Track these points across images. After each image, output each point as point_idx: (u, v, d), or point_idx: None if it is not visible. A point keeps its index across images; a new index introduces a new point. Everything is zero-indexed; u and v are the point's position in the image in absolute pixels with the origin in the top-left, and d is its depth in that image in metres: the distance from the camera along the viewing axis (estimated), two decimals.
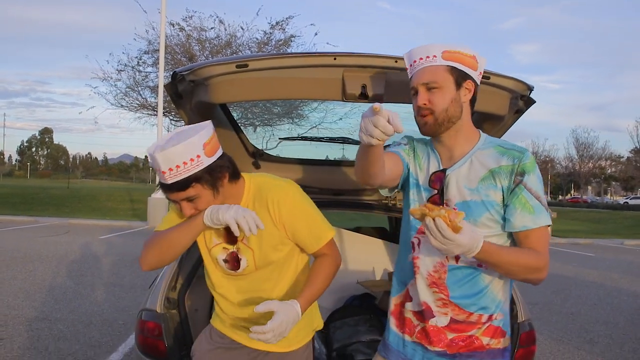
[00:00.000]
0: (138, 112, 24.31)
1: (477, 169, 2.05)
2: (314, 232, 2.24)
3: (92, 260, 11.48)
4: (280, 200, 2.17)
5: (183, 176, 1.97)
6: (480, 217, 2.00)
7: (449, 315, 2.06)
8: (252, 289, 2.31)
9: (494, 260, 1.88)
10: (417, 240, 2.12)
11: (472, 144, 2.10)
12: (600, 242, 22.19)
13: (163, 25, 19.68)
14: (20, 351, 5.42)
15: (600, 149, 71.38)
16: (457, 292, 2.05)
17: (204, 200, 2.06)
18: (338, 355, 3.47)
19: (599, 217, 38.53)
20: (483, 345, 2.07)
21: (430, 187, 2.09)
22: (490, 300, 2.08)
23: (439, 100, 1.99)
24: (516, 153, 2.04)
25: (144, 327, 2.85)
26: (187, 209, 2.06)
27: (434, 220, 1.69)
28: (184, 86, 2.61)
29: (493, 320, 2.09)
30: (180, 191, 2.00)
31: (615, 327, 7.53)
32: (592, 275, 12.35)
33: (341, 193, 4.05)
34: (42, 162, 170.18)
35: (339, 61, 2.45)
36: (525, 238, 2.00)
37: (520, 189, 1.99)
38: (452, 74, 2.00)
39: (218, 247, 2.27)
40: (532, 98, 2.71)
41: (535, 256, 1.96)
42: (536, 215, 1.99)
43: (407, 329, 2.16)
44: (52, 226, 19.36)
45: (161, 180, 2.01)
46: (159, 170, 1.98)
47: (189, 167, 1.97)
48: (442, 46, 2.01)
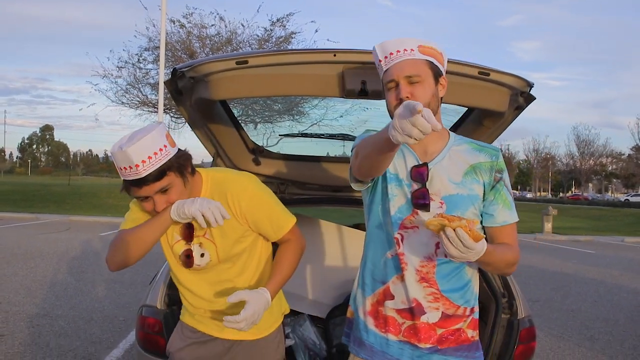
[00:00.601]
0: (139, 109, 24.27)
1: (457, 163, 2.06)
2: (274, 222, 2.29)
3: (93, 256, 11.50)
4: (240, 193, 2.21)
5: (156, 166, 1.99)
6: (466, 211, 2.02)
7: (440, 310, 2.06)
8: (219, 279, 2.32)
9: (490, 259, 1.89)
10: (400, 236, 2.08)
11: (444, 140, 2.11)
12: (601, 239, 22.17)
13: (163, 22, 19.64)
14: (22, 347, 5.44)
15: (601, 146, 71.54)
16: (446, 286, 2.06)
17: (176, 190, 2.07)
18: (338, 352, 3.47)
19: (600, 215, 38.53)
20: (468, 338, 2.11)
21: (412, 180, 2.06)
22: (472, 293, 2.13)
23: (421, 93, 1.96)
24: (492, 151, 2.10)
25: (144, 323, 2.86)
26: (160, 203, 2.06)
27: (455, 231, 1.69)
28: (184, 83, 2.61)
29: (474, 312, 2.14)
30: (155, 182, 2.01)
31: (616, 324, 7.53)
32: (592, 272, 12.35)
33: (341, 190, 4.05)
34: (42, 159, 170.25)
35: (338, 57, 2.45)
36: (501, 232, 2.06)
37: (501, 186, 2.06)
38: (431, 68, 1.99)
39: (180, 244, 2.27)
40: (532, 94, 2.71)
41: (512, 251, 2.04)
42: (512, 211, 2.08)
43: (391, 328, 2.11)
44: (53, 223, 19.39)
45: (130, 178, 2.00)
46: (129, 166, 1.97)
47: (160, 157, 2.00)
48: (417, 40, 2.00)
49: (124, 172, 2.00)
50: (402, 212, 2.08)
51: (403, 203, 2.08)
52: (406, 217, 2.07)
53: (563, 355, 6.05)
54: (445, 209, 2.02)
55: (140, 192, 2.03)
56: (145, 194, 2.04)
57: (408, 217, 2.06)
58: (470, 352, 2.11)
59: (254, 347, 2.37)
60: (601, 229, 27.91)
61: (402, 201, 2.08)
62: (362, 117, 3.99)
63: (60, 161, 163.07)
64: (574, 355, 6.07)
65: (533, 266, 12.53)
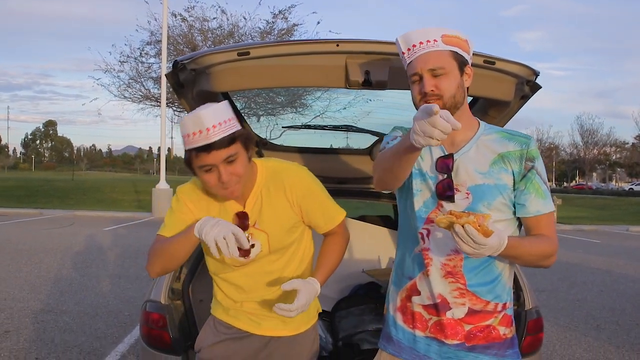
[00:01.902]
0: (141, 103, 24.34)
1: (484, 153, 2.02)
2: (327, 213, 2.30)
3: (97, 251, 11.51)
4: (297, 183, 2.22)
5: (227, 132, 1.97)
6: (493, 201, 1.98)
7: (466, 306, 2.02)
8: (263, 271, 2.28)
9: (515, 253, 1.86)
10: (425, 231, 2.06)
11: (473, 130, 2.07)
12: (606, 228, 22.15)
13: (165, 16, 19.65)
14: (27, 343, 5.43)
15: (605, 136, 71.31)
16: (473, 280, 2.01)
17: (242, 162, 2.04)
18: (344, 345, 3.46)
19: (604, 204, 38.44)
20: (500, 335, 2.05)
21: (437, 171, 2.03)
22: (503, 288, 2.07)
23: (446, 86, 1.93)
24: (522, 139, 2.03)
25: (148, 318, 2.84)
26: (226, 173, 2.00)
27: (464, 227, 1.66)
28: (185, 75, 2.58)
29: (507, 308, 2.08)
30: (224, 148, 1.97)
31: (622, 314, 7.51)
32: (597, 261, 12.33)
33: (345, 181, 4.03)
34: (46, 155, 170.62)
35: (341, 47, 2.41)
36: (537, 223, 2.00)
37: (533, 174, 1.99)
38: (455, 59, 1.95)
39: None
40: (537, 83, 2.67)
41: (547, 243, 1.97)
42: (547, 200, 2.00)
43: (419, 324, 2.09)
44: (57, 218, 19.41)
45: (199, 144, 1.95)
46: (199, 130, 1.93)
47: (229, 125, 1.99)
48: (440, 30, 1.96)
49: (193, 138, 1.95)
50: (427, 207, 2.05)
51: (428, 197, 2.05)
52: (432, 210, 2.04)
53: (569, 345, 6.03)
54: (472, 199, 1.98)
55: (207, 158, 1.97)
56: (212, 161, 1.98)
57: (434, 211, 2.04)
58: (501, 350, 2.05)
59: (291, 343, 2.35)
60: (606, 218, 27.86)
61: (427, 195, 2.05)
62: (366, 108, 3.95)
63: (64, 156, 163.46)
64: (580, 345, 6.05)
65: None
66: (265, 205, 2.21)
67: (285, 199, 2.20)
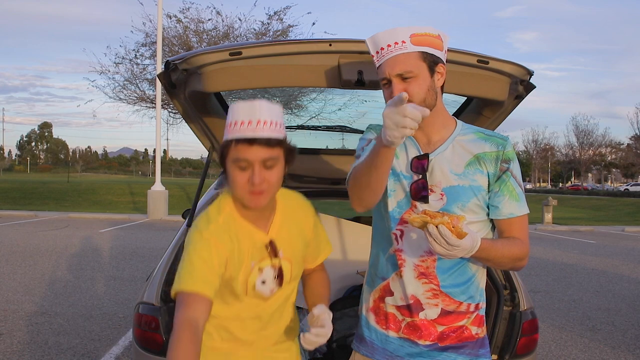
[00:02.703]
0: (136, 105, 24.32)
1: (461, 153, 2.00)
2: (321, 246, 2.23)
3: (92, 253, 11.47)
4: (309, 211, 2.16)
5: (275, 135, 1.81)
6: (468, 203, 1.96)
7: (439, 307, 2.01)
8: (275, 308, 2.08)
9: (487, 255, 1.84)
10: (399, 232, 2.04)
11: (449, 129, 2.04)
12: (601, 229, 22.19)
13: (160, 18, 19.63)
14: (20, 346, 5.40)
15: (600, 136, 71.43)
16: (447, 281, 2.00)
17: (278, 171, 1.87)
18: (338, 346, 3.45)
19: (600, 204, 38.54)
20: (472, 335, 2.05)
21: (412, 171, 2.01)
22: (476, 289, 2.06)
23: (416, 89, 1.89)
24: (499, 140, 2.01)
25: (141, 320, 2.82)
26: (259, 176, 1.81)
27: (437, 228, 1.64)
28: (177, 75, 2.57)
29: (479, 309, 2.08)
30: (268, 147, 1.80)
31: (618, 314, 7.51)
32: (593, 262, 12.34)
33: (340, 182, 4.01)
34: (41, 157, 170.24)
35: (334, 47, 2.40)
36: (510, 226, 1.99)
37: (508, 176, 1.98)
38: (424, 60, 1.89)
39: (254, 273, 1.98)
40: (532, 83, 2.66)
41: (519, 246, 1.95)
42: (521, 203, 1.99)
43: (392, 325, 2.08)
44: (52, 220, 19.36)
45: (245, 134, 1.78)
46: (250, 121, 1.79)
47: (280, 129, 1.84)
48: (409, 29, 1.90)
49: (240, 127, 1.79)
50: (401, 207, 2.03)
51: (402, 198, 2.03)
52: (405, 211, 2.02)
53: (565, 345, 6.02)
54: (446, 200, 1.96)
55: (247, 153, 1.79)
56: (252, 156, 1.79)
57: (407, 212, 2.02)
58: (475, 349, 2.05)
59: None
60: (601, 218, 27.93)
61: (400, 196, 2.03)
62: (361, 109, 3.94)
63: (59, 158, 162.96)
64: (576, 345, 6.05)
65: (534, 257, 12.49)
66: (286, 231, 2.05)
67: (298, 226, 2.09)
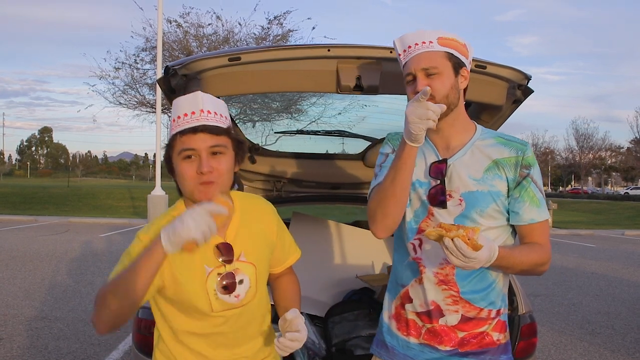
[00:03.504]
0: (137, 110, 24.29)
1: (479, 158, 2.00)
2: (287, 249, 2.15)
3: (92, 258, 11.47)
4: (272, 213, 2.07)
5: (223, 124, 1.79)
6: (486, 208, 1.97)
7: (459, 313, 2.01)
8: (247, 320, 1.98)
9: (507, 264, 1.85)
10: (417, 241, 2.05)
11: (469, 133, 2.06)
12: (601, 232, 22.18)
13: (160, 22, 19.63)
14: (20, 351, 5.40)
15: (600, 140, 71.18)
16: (467, 288, 2.00)
17: (227, 161, 1.80)
18: (337, 350, 3.45)
19: (600, 208, 38.50)
20: (494, 341, 2.04)
21: (431, 176, 2.02)
22: (497, 295, 2.06)
23: (439, 86, 1.92)
24: (519, 145, 2.02)
25: (140, 324, 2.83)
26: (206, 164, 1.74)
27: (453, 241, 1.65)
28: (176, 81, 2.57)
29: (501, 315, 2.07)
30: (214, 134, 1.76)
31: (617, 318, 7.51)
32: (593, 266, 12.34)
33: (340, 187, 4.02)
34: (42, 161, 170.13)
35: (333, 52, 2.41)
36: (531, 231, 1.99)
37: (528, 182, 1.98)
38: (450, 60, 1.95)
39: (212, 276, 1.86)
40: (529, 87, 2.67)
41: (540, 251, 1.96)
42: (542, 208, 1.99)
43: (412, 331, 2.09)
44: (52, 225, 19.35)
45: (188, 125, 1.74)
46: (193, 111, 1.75)
47: (225, 122, 1.81)
48: (436, 32, 1.96)
49: (182, 120, 1.76)
50: (417, 216, 2.04)
51: (418, 207, 2.04)
52: (422, 220, 2.03)
53: (565, 349, 6.02)
54: (465, 206, 1.97)
55: (192, 141, 1.74)
56: (197, 144, 1.74)
57: (424, 221, 2.03)
58: (496, 355, 2.05)
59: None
60: (601, 222, 27.91)
61: (416, 205, 2.05)
62: (361, 114, 3.96)
63: (60, 163, 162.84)
64: (575, 349, 6.04)
65: None
66: (246, 235, 1.94)
67: (260, 229, 1.99)
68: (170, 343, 1.93)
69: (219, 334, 1.92)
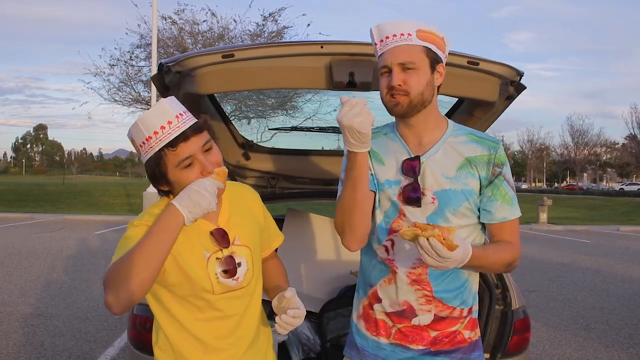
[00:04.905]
0: (132, 107, 24.20)
1: (452, 156, 1.98)
2: (272, 232, 2.19)
3: (88, 255, 11.47)
4: (257, 198, 2.11)
5: (191, 122, 1.77)
6: (459, 207, 1.95)
7: (432, 313, 1.99)
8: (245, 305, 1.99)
9: (479, 263, 1.85)
10: (389, 242, 2.02)
11: (441, 130, 2.02)
12: (596, 228, 22.24)
13: (155, 19, 19.59)
14: (16, 348, 5.41)
15: (595, 136, 71.54)
16: (440, 287, 1.98)
17: (217, 150, 1.84)
18: (332, 346, 3.46)
19: (595, 204, 38.59)
20: (465, 339, 2.03)
21: (404, 174, 1.98)
22: (469, 293, 2.05)
23: (415, 82, 1.88)
24: (491, 143, 2.00)
25: (135, 320, 2.84)
26: (207, 163, 1.77)
27: (429, 241, 1.64)
28: (170, 78, 2.58)
29: (472, 313, 2.07)
30: (200, 133, 1.77)
31: (612, 313, 7.54)
32: (588, 261, 12.38)
33: (333, 183, 4.03)
34: (37, 159, 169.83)
35: (326, 49, 2.43)
36: (501, 229, 1.98)
37: (500, 180, 1.96)
38: (427, 55, 1.90)
39: (212, 261, 1.88)
40: (522, 84, 2.68)
41: (512, 250, 1.96)
42: (514, 206, 1.98)
43: (382, 331, 2.06)
44: (47, 222, 19.34)
45: (172, 136, 1.72)
46: (168, 122, 1.73)
47: (190, 116, 1.80)
48: (415, 24, 1.91)
49: (161, 134, 1.73)
50: (388, 217, 2.01)
51: (388, 207, 2.01)
52: (393, 220, 2.00)
53: (559, 345, 6.05)
54: (438, 204, 1.94)
55: (186, 148, 1.74)
56: (192, 150, 1.74)
57: (395, 220, 2.00)
58: (467, 353, 2.04)
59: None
60: (596, 218, 27.99)
61: (386, 206, 2.02)
62: None
63: (55, 160, 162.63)
64: (570, 344, 6.07)
65: (529, 257, 12.53)
66: (238, 219, 1.97)
67: (250, 212, 2.03)
68: (172, 337, 1.93)
69: (220, 318, 1.93)
